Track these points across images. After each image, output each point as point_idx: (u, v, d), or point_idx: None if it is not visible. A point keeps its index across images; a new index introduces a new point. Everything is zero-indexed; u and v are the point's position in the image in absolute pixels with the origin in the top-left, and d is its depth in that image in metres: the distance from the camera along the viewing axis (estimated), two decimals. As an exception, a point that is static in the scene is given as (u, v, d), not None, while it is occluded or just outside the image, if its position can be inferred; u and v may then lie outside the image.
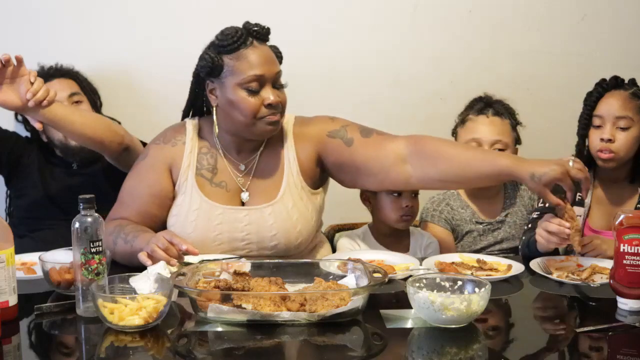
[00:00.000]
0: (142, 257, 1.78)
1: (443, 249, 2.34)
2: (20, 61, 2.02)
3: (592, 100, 2.20)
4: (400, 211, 2.28)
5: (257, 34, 2.01)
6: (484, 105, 2.38)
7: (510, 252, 2.32)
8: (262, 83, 1.98)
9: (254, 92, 1.97)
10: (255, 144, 2.11)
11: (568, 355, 1.48)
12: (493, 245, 2.37)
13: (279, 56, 2.07)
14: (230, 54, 1.98)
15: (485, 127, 2.33)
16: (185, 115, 2.17)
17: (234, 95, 1.98)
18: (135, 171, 2.11)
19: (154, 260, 1.76)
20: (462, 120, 2.40)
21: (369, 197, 2.34)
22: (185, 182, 2.06)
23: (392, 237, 2.34)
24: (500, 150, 2.31)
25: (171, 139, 2.11)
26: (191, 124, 2.12)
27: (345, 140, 2.09)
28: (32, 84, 2.01)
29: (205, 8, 2.67)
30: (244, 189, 2.07)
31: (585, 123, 2.21)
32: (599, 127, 2.18)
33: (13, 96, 2.02)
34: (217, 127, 2.06)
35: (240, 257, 1.97)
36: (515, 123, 2.38)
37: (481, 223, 2.38)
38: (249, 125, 2.00)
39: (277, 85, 2.02)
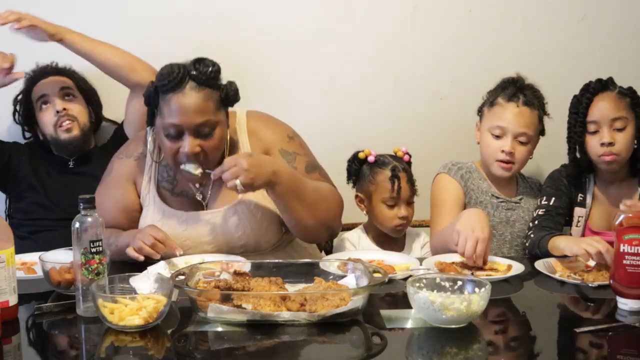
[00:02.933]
0: (131, 252, 1.86)
1: (453, 204, 2.26)
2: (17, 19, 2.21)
3: (582, 106, 2.18)
4: (395, 221, 2.28)
5: (195, 78, 1.95)
6: (515, 90, 2.27)
7: (524, 237, 2.27)
8: (180, 131, 1.96)
9: (173, 138, 1.97)
10: None
11: (568, 355, 1.47)
12: (505, 226, 2.30)
13: (228, 97, 2.01)
14: (162, 94, 1.97)
15: (513, 117, 2.23)
16: (149, 122, 2.10)
17: (159, 135, 2.02)
18: (103, 186, 2.16)
19: (143, 254, 1.85)
20: (492, 102, 2.29)
21: (363, 200, 2.33)
22: (147, 194, 2.11)
23: (387, 237, 2.33)
24: (522, 143, 2.24)
25: (133, 152, 2.16)
26: (151, 136, 2.14)
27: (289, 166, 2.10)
28: None
29: (205, 9, 2.67)
30: (202, 197, 2.10)
31: (580, 130, 2.19)
32: (595, 132, 2.17)
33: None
34: None
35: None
36: (543, 114, 2.30)
37: (497, 198, 2.31)
38: (174, 167, 2.05)
39: (201, 134, 1.97)
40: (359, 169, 2.35)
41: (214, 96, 1.98)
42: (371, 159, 2.33)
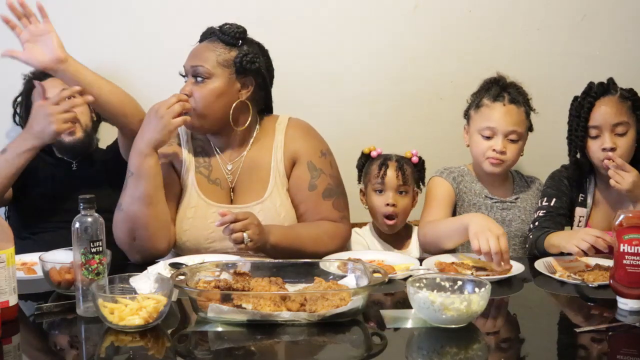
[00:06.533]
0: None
1: (444, 200, 2.28)
2: (44, 14, 2.08)
3: (584, 110, 2.17)
4: (383, 208, 2.29)
5: (216, 33, 2.08)
6: (499, 89, 2.27)
7: (521, 236, 2.29)
8: (187, 75, 2.07)
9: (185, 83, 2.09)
10: (239, 140, 2.15)
11: (568, 355, 1.48)
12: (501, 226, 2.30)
13: (241, 63, 2.05)
14: None
15: (502, 117, 2.22)
16: None
17: None
18: None
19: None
20: (477, 104, 2.28)
21: (364, 193, 2.37)
22: (186, 181, 2.12)
23: (392, 235, 2.34)
24: (513, 141, 2.23)
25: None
26: (183, 127, 2.14)
27: (311, 183, 2.13)
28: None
29: (206, 7, 2.67)
30: (232, 186, 2.13)
31: (582, 134, 2.19)
32: (596, 137, 2.17)
33: (38, 53, 2.09)
34: None
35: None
36: (529, 110, 2.29)
37: (491, 199, 2.31)
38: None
39: (195, 78, 2.05)
40: (364, 164, 2.40)
41: (225, 52, 2.05)
42: (374, 154, 2.37)
